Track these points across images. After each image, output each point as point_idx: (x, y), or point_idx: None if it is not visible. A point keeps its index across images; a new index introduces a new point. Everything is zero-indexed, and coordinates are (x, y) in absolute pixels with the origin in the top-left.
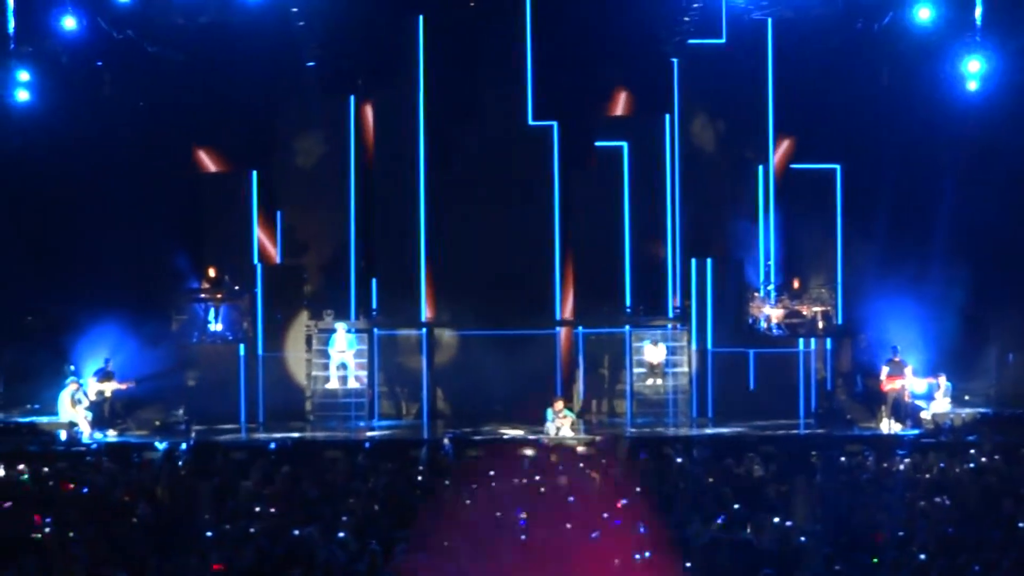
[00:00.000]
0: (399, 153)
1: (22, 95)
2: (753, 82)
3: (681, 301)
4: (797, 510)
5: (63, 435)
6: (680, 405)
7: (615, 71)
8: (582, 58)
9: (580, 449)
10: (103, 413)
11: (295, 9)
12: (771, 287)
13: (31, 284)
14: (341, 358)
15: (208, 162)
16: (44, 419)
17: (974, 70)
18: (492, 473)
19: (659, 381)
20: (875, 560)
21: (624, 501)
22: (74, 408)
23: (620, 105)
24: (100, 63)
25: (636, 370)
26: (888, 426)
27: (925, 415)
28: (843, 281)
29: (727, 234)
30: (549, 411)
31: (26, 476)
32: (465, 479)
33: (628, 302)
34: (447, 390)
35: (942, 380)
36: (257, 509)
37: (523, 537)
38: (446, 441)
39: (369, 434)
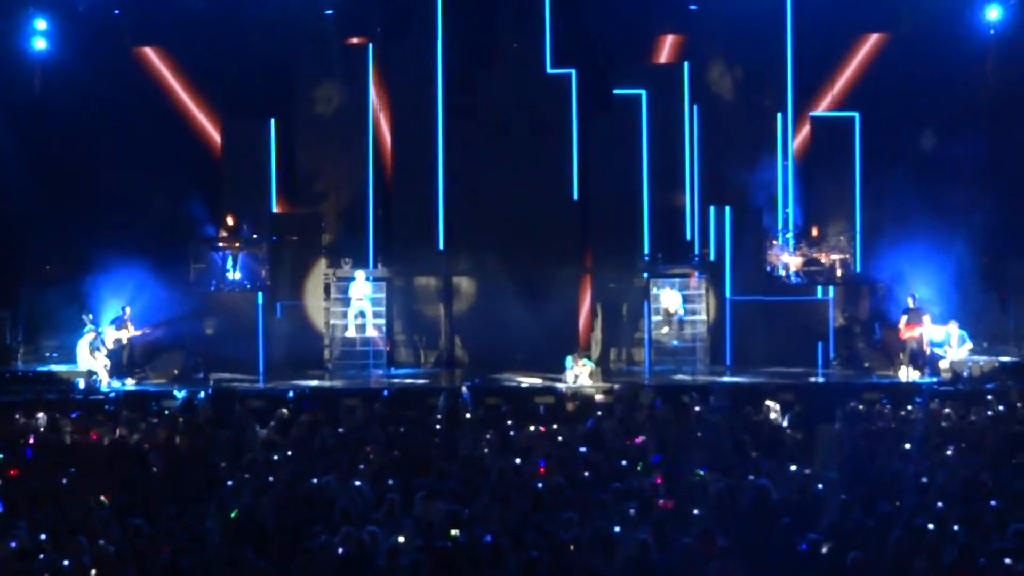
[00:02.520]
0: (417, 101)
1: (40, 44)
2: (772, 29)
3: (699, 249)
4: (815, 458)
5: (81, 384)
6: (698, 353)
7: (633, 18)
8: (601, 5)
9: (599, 397)
10: (121, 361)
11: None
12: (789, 235)
13: (50, 233)
14: (359, 306)
15: (226, 110)
16: (63, 367)
17: (993, 17)
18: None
19: (671, 329)
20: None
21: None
22: (92, 356)
23: (639, 52)
24: (117, 11)
25: (654, 318)
26: (906, 374)
27: (943, 363)
28: (861, 229)
29: (745, 182)
30: (568, 359)
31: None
32: (483, 427)
33: (647, 250)
34: (465, 338)
35: (953, 327)
36: (275, 458)
37: (540, 485)
38: (465, 389)
39: (387, 382)
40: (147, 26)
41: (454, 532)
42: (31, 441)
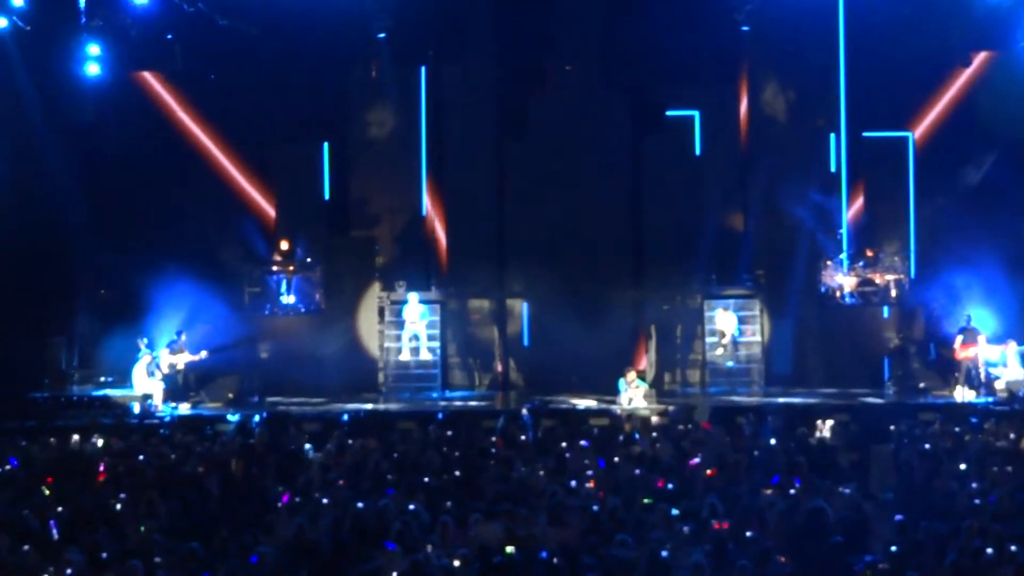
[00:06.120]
0: (470, 123)
1: (93, 69)
2: (825, 50)
3: (754, 270)
4: (871, 478)
5: (136, 408)
6: (753, 374)
7: (686, 40)
8: (653, 26)
9: (654, 419)
10: (177, 385)
11: None
12: (844, 255)
13: (105, 258)
14: (413, 329)
15: (280, 134)
16: (118, 392)
17: None
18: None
19: (726, 351)
20: None
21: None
22: (148, 380)
23: (691, 74)
24: (170, 36)
25: (709, 339)
26: (962, 394)
27: (998, 383)
28: (917, 249)
29: (799, 203)
30: (621, 381)
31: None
32: (540, 449)
33: (701, 271)
34: (519, 360)
35: (1012, 346)
36: (329, 481)
37: (595, 508)
38: (524, 411)
39: (442, 405)
40: (200, 51)
41: (509, 549)
42: (87, 465)
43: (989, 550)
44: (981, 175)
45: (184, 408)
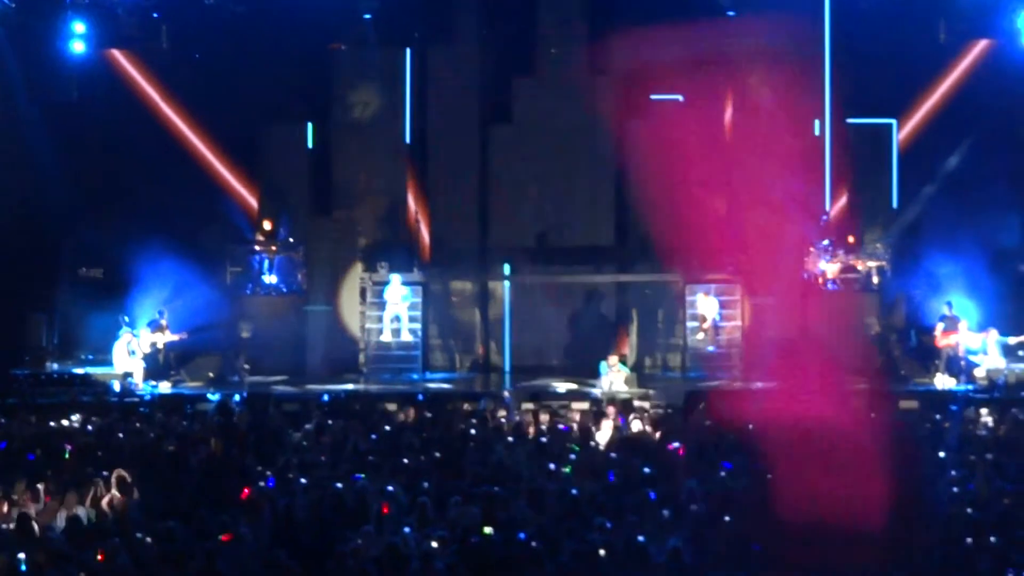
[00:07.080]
0: (455, 105)
1: (78, 46)
2: (810, 36)
3: (736, 255)
4: None
5: (117, 386)
6: (733, 359)
7: (671, 24)
8: (638, 9)
9: (636, 403)
10: (157, 364)
11: None
12: (826, 242)
13: (86, 235)
14: (395, 310)
15: (264, 114)
16: (98, 370)
17: None
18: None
19: (707, 336)
20: None
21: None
22: (129, 359)
23: (677, 58)
24: (156, 15)
25: (690, 324)
26: (942, 382)
27: (979, 371)
28: (899, 236)
29: (782, 188)
30: (603, 364)
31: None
32: (520, 431)
33: (683, 255)
34: (501, 343)
35: (992, 334)
36: (309, 461)
37: (574, 491)
38: (506, 394)
39: (423, 386)
40: (185, 30)
41: (487, 530)
42: (66, 444)
43: (967, 539)
44: (958, 160)
45: (164, 387)
